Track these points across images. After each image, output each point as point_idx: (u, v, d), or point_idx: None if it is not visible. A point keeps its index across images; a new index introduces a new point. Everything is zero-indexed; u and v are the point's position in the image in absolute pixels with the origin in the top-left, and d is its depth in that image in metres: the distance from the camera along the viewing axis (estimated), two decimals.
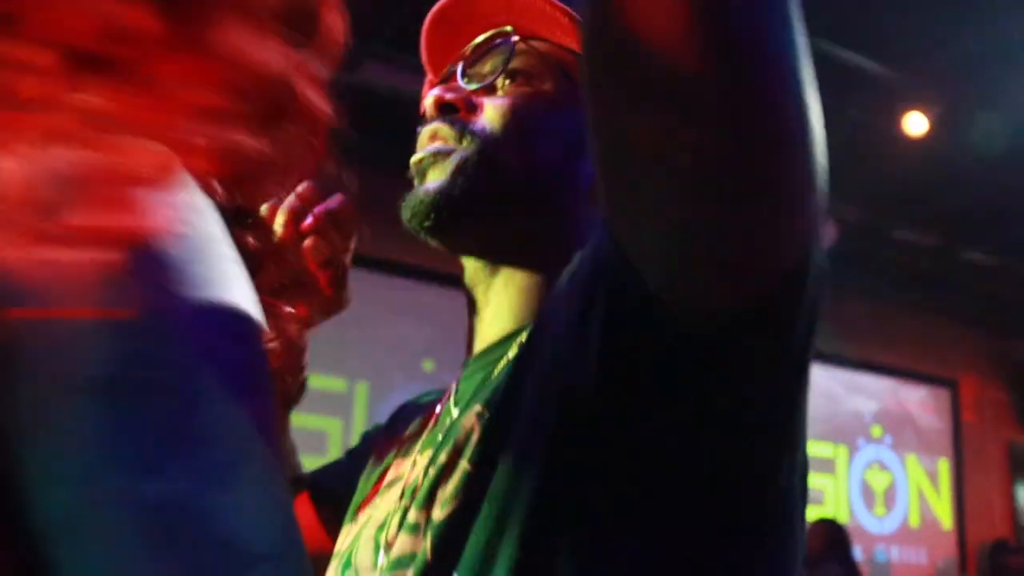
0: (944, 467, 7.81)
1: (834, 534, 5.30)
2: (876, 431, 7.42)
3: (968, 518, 7.79)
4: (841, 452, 7.16)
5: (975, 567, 7.56)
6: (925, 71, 4.12)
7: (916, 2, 3.64)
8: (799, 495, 0.80)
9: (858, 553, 5.98)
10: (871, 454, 7.36)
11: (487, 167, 0.86)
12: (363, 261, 4.74)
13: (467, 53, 0.92)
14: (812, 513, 5.98)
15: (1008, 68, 3.98)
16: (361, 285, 4.40)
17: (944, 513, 7.72)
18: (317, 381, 4.89)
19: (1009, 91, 4.12)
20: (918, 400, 7.78)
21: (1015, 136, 4.43)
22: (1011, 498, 8.25)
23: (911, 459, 7.60)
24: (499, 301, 0.95)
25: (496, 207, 0.89)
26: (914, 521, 7.49)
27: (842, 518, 6.38)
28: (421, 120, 0.93)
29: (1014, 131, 4.40)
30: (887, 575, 6.62)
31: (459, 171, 0.87)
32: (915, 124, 4.21)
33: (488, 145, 0.86)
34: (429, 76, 1.00)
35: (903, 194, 5.46)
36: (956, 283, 7.00)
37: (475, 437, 0.79)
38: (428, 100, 0.91)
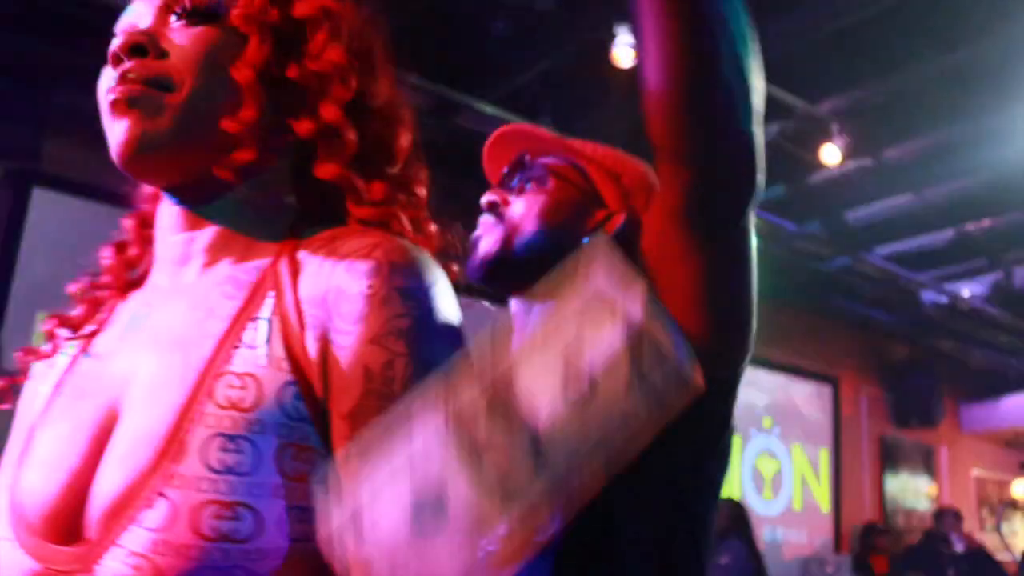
0: (824, 456, 8.40)
1: (737, 513, 5.78)
2: (767, 422, 7.94)
3: (843, 503, 8.41)
4: (736, 441, 7.64)
5: (848, 546, 8.18)
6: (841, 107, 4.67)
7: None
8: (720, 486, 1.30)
9: None
10: (761, 443, 7.87)
11: (514, 238, 1.32)
12: None
13: (504, 170, 1.41)
14: None
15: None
16: None
17: (823, 498, 8.31)
18: None
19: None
20: (804, 395, 8.33)
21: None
22: (881, 485, 8.94)
23: (796, 448, 8.15)
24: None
25: (523, 263, 1.32)
26: (797, 505, 8.04)
27: None
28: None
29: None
30: (774, 553, 7.10)
31: (498, 242, 1.33)
32: (830, 155, 4.79)
33: (512, 225, 1.33)
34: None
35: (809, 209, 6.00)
36: (842, 290, 7.54)
37: None
38: (482, 201, 1.36)
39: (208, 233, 0.84)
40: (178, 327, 0.78)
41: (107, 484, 0.71)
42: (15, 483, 0.77)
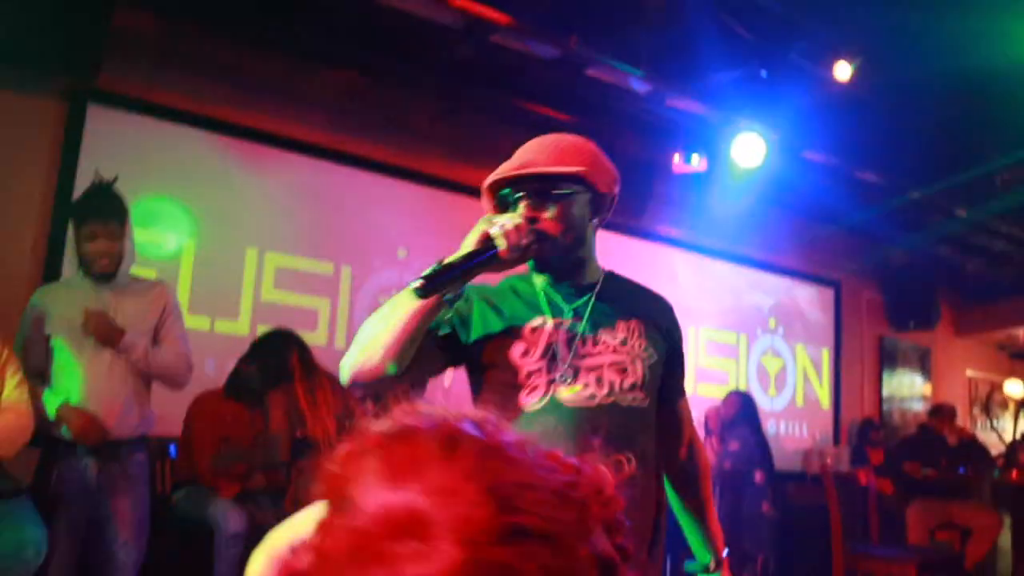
0: (826, 356, 8.82)
1: (746, 402, 6.19)
2: (772, 323, 8.32)
3: (843, 400, 8.86)
4: (743, 340, 8.04)
5: (846, 440, 8.64)
6: None
7: None
8: None
9: None
10: (767, 343, 8.26)
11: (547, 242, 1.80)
12: (349, 159, 5.41)
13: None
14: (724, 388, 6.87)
15: None
16: (347, 180, 5.22)
17: (824, 395, 8.74)
18: (310, 265, 5.42)
19: None
20: (807, 298, 8.69)
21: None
22: (879, 384, 9.35)
23: (799, 348, 8.56)
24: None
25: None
26: (799, 401, 8.48)
27: None
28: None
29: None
30: (776, 445, 7.50)
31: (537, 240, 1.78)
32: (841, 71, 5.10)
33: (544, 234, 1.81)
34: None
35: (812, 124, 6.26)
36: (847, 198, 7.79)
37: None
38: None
39: None
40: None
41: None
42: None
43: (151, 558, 3.55)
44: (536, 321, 1.92)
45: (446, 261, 1.76)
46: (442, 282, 1.74)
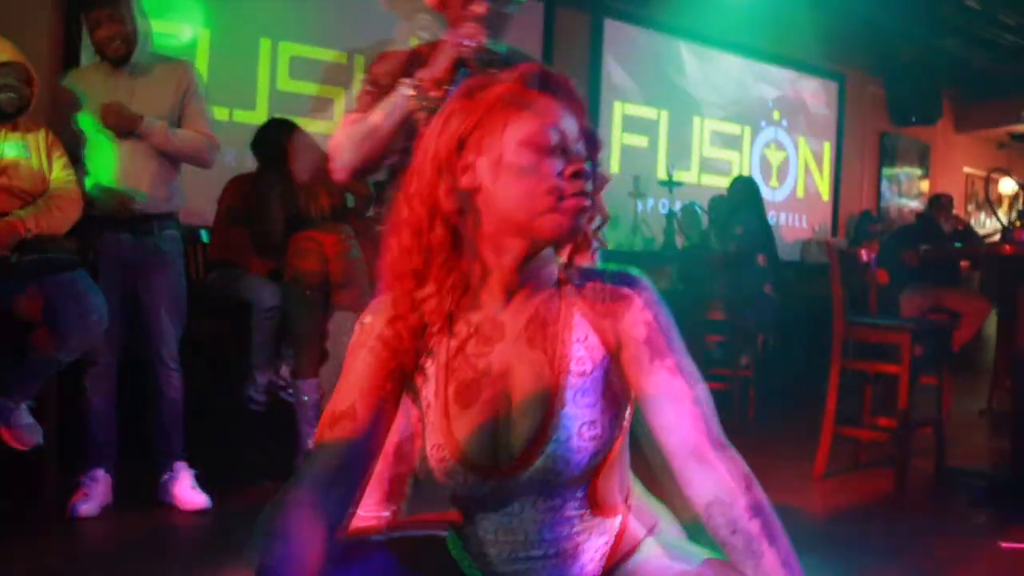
0: (828, 149, 8.91)
1: (751, 188, 6.33)
2: (775, 115, 8.38)
3: (843, 193, 9.02)
4: (746, 131, 8.12)
5: (844, 232, 8.86)
6: None
7: None
8: None
9: None
10: (770, 135, 8.34)
11: None
12: None
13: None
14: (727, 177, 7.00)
15: None
16: None
17: (824, 187, 8.90)
18: (323, 54, 5.44)
19: None
20: (811, 91, 8.71)
21: None
22: (878, 179, 9.49)
23: (802, 141, 8.64)
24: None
25: None
26: (800, 193, 8.64)
27: None
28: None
29: None
30: (776, 235, 7.67)
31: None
32: None
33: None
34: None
35: None
36: None
37: None
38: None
39: (531, 270, 1.31)
40: (526, 335, 1.31)
41: (525, 428, 1.28)
42: (453, 445, 1.29)
43: (190, 334, 3.75)
44: None
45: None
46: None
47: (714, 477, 1.22)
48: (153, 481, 3.56)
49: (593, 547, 1.33)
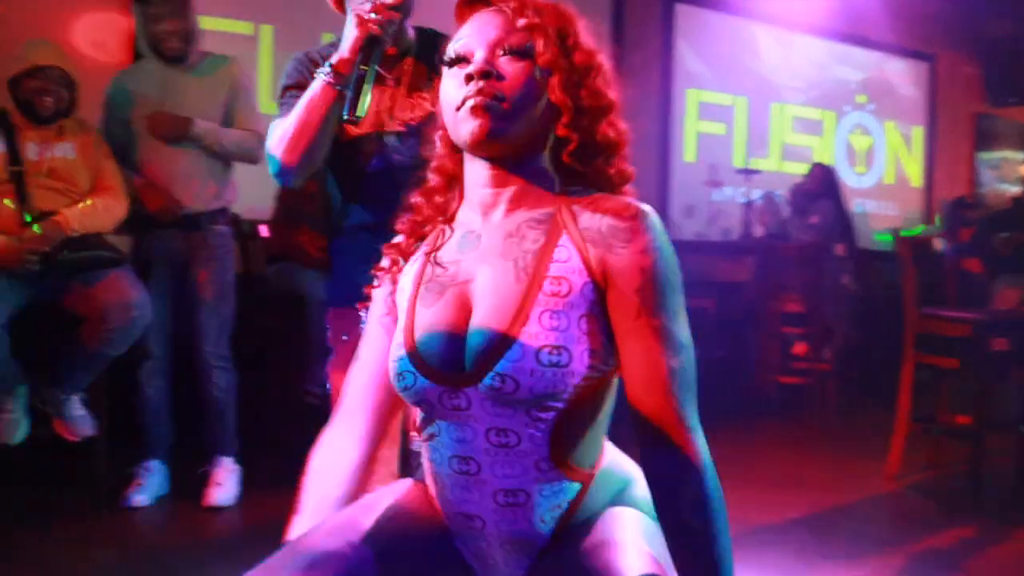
0: (918, 134, 8.56)
1: (829, 176, 6.11)
2: (861, 99, 8.08)
3: (935, 178, 8.66)
4: (829, 117, 7.85)
5: (934, 218, 8.50)
6: None
7: None
8: None
9: None
10: (855, 119, 8.06)
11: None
12: None
13: None
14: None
15: None
16: None
17: (915, 173, 8.56)
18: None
19: None
20: (899, 72, 8.37)
21: None
22: (973, 163, 9.09)
23: (890, 125, 8.32)
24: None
25: None
26: (889, 179, 8.33)
27: None
28: None
29: None
30: (863, 223, 7.46)
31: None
32: None
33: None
34: None
35: None
36: None
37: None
38: None
39: (511, 189, 1.28)
40: (501, 247, 1.25)
41: (479, 339, 1.20)
42: (410, 341, 1.26)
43: (247, 329, 3.77)
44: None
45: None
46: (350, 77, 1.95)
47: (667, 459, 1.15)
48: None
49: (548, 505, 1.24)
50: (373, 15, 1.96)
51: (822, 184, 5.99)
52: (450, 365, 1.22)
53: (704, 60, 6.92)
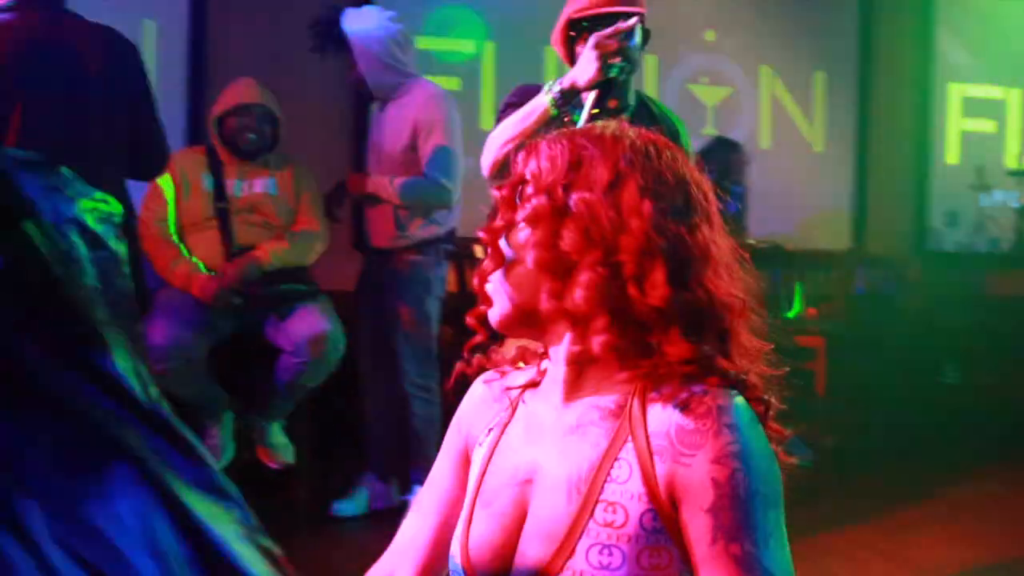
0: None
1: None
2: None
3: None
4: None
5: None
6: None
7: None
8: None
9: None
10: None
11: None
12: None
13: None
14: None
15: None
16: None
17: None
18: None
19: None
20: None
21: None
22: None
23: None
24: None
25: None
26: None
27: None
28: None
29: None
30: None
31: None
32: None
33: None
34: None
35: None
36: None
37: None
38: None
39: (582, 370, 1.10)
40: (561, 446, 1.09)
41: (526, 561, 1.06)
42: (464, 545, 1.13)
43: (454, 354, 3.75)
44: None
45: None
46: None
47: None
48: None
49: None
50: (618, 59, 2.14)
51: None
52: None
53: (970, 49, 6.22)
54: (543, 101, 2.19)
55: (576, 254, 1.05)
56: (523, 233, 1.10)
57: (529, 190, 1.10)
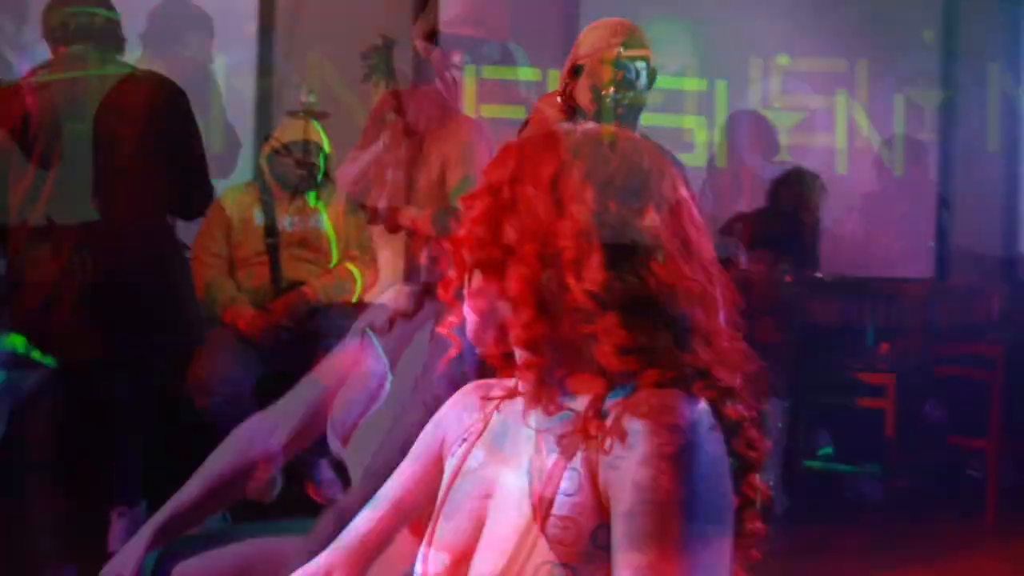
0: None
1: None
2: None
3: None
4: None
5: None
6: None
7: None
8: None
9: None
10: None
11: None
12: None
13: None
14: None
15: None
16: None
17: None
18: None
19: None
20: None
21: None
22: None
23: None
24: None
25: None
26: None
27: None
28: None
29: None
30: None
31: None
32: None
33: None
34: None
35: None
36: None
37: None
38: None
39: (540, 377, 1.05)
40: (520, 455, 1.05)
41: (481, 569, 1.02)
42: (425, 556, 1.10)
43: None
44: None
45: None
46: None
47: None
48: None
49: None
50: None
51: None
52: None
53: None
54: None
55: (517, 248, 1.00)
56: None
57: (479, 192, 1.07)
